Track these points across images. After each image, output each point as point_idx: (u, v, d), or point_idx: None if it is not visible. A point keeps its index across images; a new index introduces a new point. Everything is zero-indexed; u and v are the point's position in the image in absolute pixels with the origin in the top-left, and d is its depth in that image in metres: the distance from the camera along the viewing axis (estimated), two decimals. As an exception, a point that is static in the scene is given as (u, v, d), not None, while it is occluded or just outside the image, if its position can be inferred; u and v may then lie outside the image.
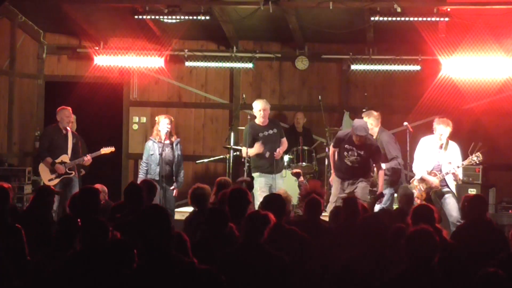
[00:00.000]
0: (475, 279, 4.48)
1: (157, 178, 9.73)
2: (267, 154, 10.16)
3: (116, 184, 12.17)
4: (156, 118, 10.33)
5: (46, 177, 10.39)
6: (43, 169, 10.42)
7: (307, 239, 5.97)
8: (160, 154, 9.89)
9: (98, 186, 8.18)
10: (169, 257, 4.29)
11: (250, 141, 10.23)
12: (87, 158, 10.45)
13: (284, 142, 10.46)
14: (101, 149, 10.59)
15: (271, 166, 10.18)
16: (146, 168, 10.02)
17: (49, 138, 10.44)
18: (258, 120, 10.37)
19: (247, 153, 10.20)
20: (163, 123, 10.06)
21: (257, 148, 10.14)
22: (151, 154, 10.03)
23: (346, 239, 5.88)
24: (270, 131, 10.33)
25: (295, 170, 10.21)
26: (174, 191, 10.02)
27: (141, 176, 9.92)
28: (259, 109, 10.30)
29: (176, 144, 10.12)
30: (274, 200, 6.45)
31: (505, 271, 4.49)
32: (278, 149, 10.18)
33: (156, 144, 10.01)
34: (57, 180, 10.34)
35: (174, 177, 10.05)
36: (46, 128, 11.02)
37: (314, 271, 5.75)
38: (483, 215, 6.64)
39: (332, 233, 6.53)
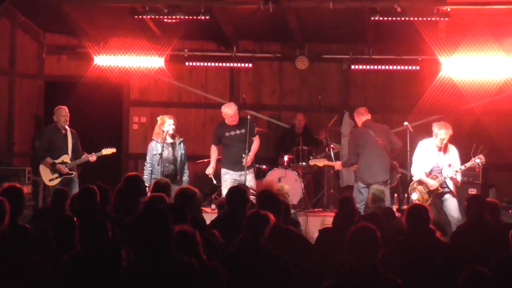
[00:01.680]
0: (462, 277, 4.48)
1: (159, 177, 9.77)
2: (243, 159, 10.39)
3: (115, 185, 12.13)
4: (159, 118, 10.32)
5: (47, 177, 10.40)
6: (43, 170, 10.43)
7: (304, 238, 5.97)
8: (160, 154, 9.91)
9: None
10: (169, 256, 4.29)
11: (217, 140, 10.64)
12: (93, 158, 10.46)
13: (255, 140, 10.67)
14: (103, 150, 10.59)
15: (240, 163, 10.38)
16: (150, 169, 10.05)
17: (48, 138, 10.44)
18: (227, 121, 10.56)
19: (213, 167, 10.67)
20: (168, 123, 10.06)
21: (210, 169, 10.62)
22: (154, 154, 10.07)
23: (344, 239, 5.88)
24: (238, 131, 10.47)
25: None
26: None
27: (146, 177, 9.93)
28: (230, 115, 10.46)
29: (179, 144, 10.15)
30: (270, 200, 6.43)
31: (504, 272, 4.49)
32: (248, 156, 10.37)
33: (158, 144, 10.04)
34: (58, 180, 10.35)
35: (178, 177, 10.06)
36: (44, 128, 10.99)
37: (313, 271, 5.75)
38: (483, 216, 6.63)
39: (331, 234, 6.52)
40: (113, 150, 10.64)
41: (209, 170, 10.68)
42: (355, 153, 10.09)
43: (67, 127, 10.48)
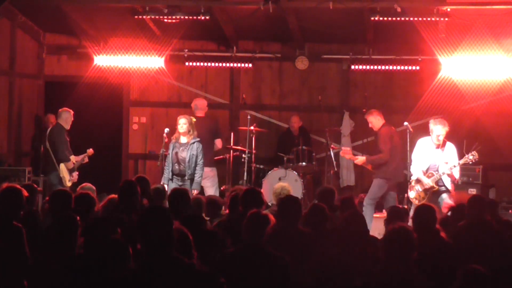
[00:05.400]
0: (458, 276, 4.49)
1: (170, 177, 9.79)
2: None
3: (116, 184, 12.13)
4: (178, 118, 10.21)
5: (67, 178, 10.38)
6: (65, 171, 10.38)
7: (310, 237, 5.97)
8: (167, 154, 9.92)
9: (84, 184, 8.31)
10: (170, 258, 4.28)
11: None
12: (91, 151, 10.53)
13: None
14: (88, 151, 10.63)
15: None
16: (167, 168, 9.95)
17: (66, 139, 10.45)
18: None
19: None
20: (180, 123, 9.98)
21: None
22: (168, 154, 10.01)
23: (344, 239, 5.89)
24: None
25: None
26: (194, 191, 9.80)
27: (165, 176, 9.90)
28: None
29: (192, 143, 9.97)
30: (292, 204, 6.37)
31: (499, 269, 4.51)
32: None
33: (172, 144, 9.97)
34: (71, 182, 10.38)
35: (186, 177, 9.92)
36: (59, 129, 10.55)
37: (314, 272, 5.74)
38: (483, 216, 6.63)
39: (332, 233, 6.51)
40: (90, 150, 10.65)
41: None
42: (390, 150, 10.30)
43: None
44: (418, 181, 9.56)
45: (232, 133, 12.20)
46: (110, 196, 7.41)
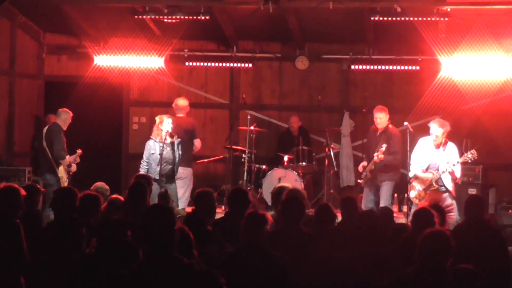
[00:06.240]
0: (449, 277, 4.48)
1: (157, 177, 9.74)
2: None
3: (116, 184, 12.15)
4: (157, 118, 10.26)
5: (64, 178, 10.38)
6: (62, 171, 10.38)
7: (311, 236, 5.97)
8: (160, 154, 9.87)
9: (98, 184, 8.29)
10: (170, 258, 4.28)
11: None
12: (79, 151, 10.56)
13: None
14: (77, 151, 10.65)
15: None
16: (146, 167, 9.98)
17: (63, 139, 10.45)
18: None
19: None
20: (166, 123, 10.02)
21: None
22: (152, 153, 10.01)
23: (345, 239, 5.89)
24: None
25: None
26: (178, 189, 10.08)
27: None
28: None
29: (178, 144, 10.09)
30: (295, 204, 6.35)
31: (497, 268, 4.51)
32: None
33: (157, 143, 9.98)
34: (67, 181, 10.38)
35: (175, 177, 10.04)
36: (57, 128, 10.48)
37: (314, 271, 5.75)
38: (481, 216, 6.63)
39: (333, 233, 6.52)
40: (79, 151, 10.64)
41: None
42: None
43: None
44: (417, 178, 9.55)
45: (232, 133, 12.20)
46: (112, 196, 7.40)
